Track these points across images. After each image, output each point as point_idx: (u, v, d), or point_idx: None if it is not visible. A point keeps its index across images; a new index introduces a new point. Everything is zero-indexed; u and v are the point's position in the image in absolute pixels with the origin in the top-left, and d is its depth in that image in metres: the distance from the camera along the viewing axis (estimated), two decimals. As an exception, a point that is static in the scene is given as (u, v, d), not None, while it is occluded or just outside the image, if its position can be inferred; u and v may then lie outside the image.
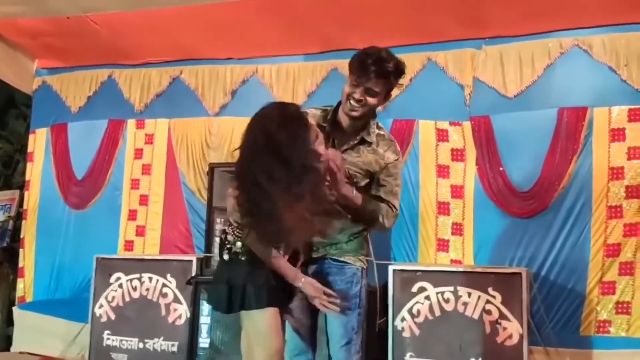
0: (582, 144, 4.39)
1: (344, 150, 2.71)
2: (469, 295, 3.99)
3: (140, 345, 4.61)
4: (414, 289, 4.09)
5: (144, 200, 5.41)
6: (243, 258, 2.45)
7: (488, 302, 3.95)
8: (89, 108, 5.66)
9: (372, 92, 2.62)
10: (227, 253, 2.49)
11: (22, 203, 5.82)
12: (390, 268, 4.17)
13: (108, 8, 4.63)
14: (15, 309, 5.51)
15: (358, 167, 2.72)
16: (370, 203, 2.72)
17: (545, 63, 4.52)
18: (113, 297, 4.74)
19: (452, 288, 4.03)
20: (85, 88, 5.67)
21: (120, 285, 4.73)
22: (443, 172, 4.70)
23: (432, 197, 4.67)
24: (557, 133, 4.45)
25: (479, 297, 3.96)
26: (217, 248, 4.52)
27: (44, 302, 5.45)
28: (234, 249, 2.47)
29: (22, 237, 5.71)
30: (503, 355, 3.87)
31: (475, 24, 4.52)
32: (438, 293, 4.05)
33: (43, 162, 5.74)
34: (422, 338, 4.04)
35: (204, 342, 4.42)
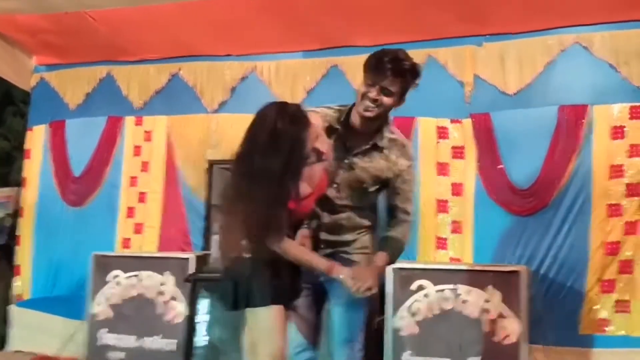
0: (582, 142, 4.38)
1: (356, 155, 2.69)
2: (468, 294, 3.97)
3: (138, 344, 4.59)
4: (413, 287, 4.06)
5: (142, 198, 5.39)
6: (248, 255, 2.44)
7: (487, 300, 3.93)
8: (87, 105, 5.63)
9: (387, 91, 2.59)
10: None
11: (19, 200, 5.78)
12: (389, 266, 4.15)
13: (106, 4, 4.61)
14: (13, 307, 5.48)
15: (369, 173, 2.69)
16: (393, 246, 2.74)
17: (546, 60, 4.50)
18: (110, 294, 4.71)
19: (451, 286, 4.01)
20: (84, 85, 5.64)
21: (118, 283, 4.71)
22: (443, 169, 4.68)
23: (431, 195, 4.65)
24: (557, 130, 4.43)
25: (479, 295, 3.94)
26: (215, 244, 4.56)
27: (41, 299, 5.43)
28: (240, 246, 2.45)
29: (19, 234, 5.68)
30: (502, 354, 3.85)
31: (476, 21, 4.50)
32: (437, 291, 4.03)
33: (41, 159, 5.71)
34: (421, 336, 4.02)
35: (202, 340, 4.40)
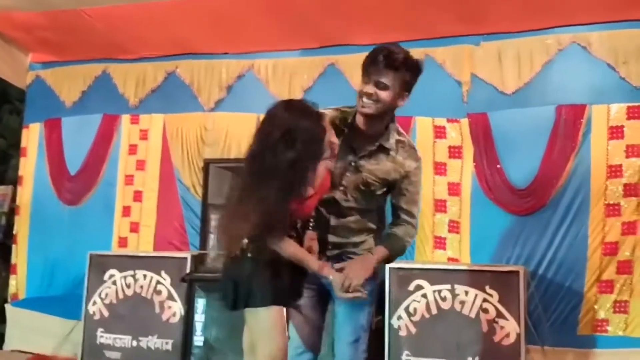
0: (580, 142, 4.37)
1: (362, 157, 2.66)
2: (466, 294, 3.95)
3: (134, 343, 4.57)
4: (411, 287, 4.05)
5: (138, 197, 5.37)
6: (250, 255, 2.42)
7: (485, 300, 3.91)
8: (83, 103, 5.61)
9: (382, 84, 2.56)
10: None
11: (15, 199, 5.77)
12: (387, 266, 4.12)
13: (103, 1, 4.60)
14: (8, 306, 5.45)
15: (376, 175, 2.66)
16: (394, 243, 2.68)
17: (544, 60, 4.49)
18: (107, 294, 4.68)
19: (449, 286, 3.99)
20: (80, 83, 5.61)
21: (114, 283, 4.68)
22: (440, 169, 4.66)
23: (429, 194, 4.63)
24: (555, 130, 4.43)
25: (476, 295, 3.93)
26: (212, 242, 4.56)
27: (37, 299, 5.41)
28: (241, 245, 2.43)
29: (15, 233, 5.66)
30: (500, 354, 3.84)
31: (474, 20, 4.49)
32: (435, 291, 4.01)
33: (36, 157, 5.69)
34: (418, 336, 4.00)
35: (199, 340, 4.39)
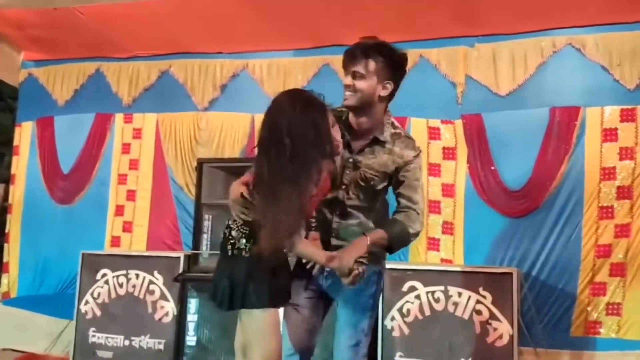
0: (574, 144, 4.38)
1: (359, 152, 2.65)
2: (460, 295, 3.96)
3: (126, 343, 4.55)
4: (404, 288, 4.05)
5: (131, 196, 5.35)
6: (247, 255, 2.40)
7: (478, 302, 3.92)
8: (76, 101, 5.59)
9: (358, 74, 2.58)
10: (231, 249, 2.44)
11: (7, 197, 5.73)
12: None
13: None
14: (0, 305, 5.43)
15: (374, 169, 2.65)
16: (393, 226, 2.62)
17: (538, 62, 4.50)
18: (99, 293, 4.66)
19: (442, 288, 3.99)
20: (73, 81, 5.59)
21: (107, 282, 4.66)
22: (434, 170, 4.66)
23: (423, 195, 4.62)
24: (549, 132, 4.43)
25: (470, 297, 3.93)
26: (205, 242, 4.54)
27: (29, 298, 5.38)
28: (238, 245, 2.42)
29: (7, 231, 5.63)
30: (493, 356, 3.84)
31: (469, 22, 4.49)
32: (428, 292, 4.02)
33: (29, 155, 5.66)
34: (411, 338, 4.00)
35: (191, 340, 4.38)
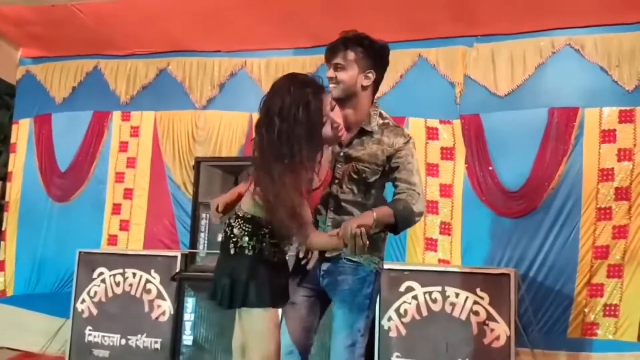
0: (572, 145, 4.38)
1: (348, 145, 2.64)
2: (457, 296, 3.95)
3: (123, 342, 4.53)
4: (402, 289, 4.04)
5: (129, 194, 5.34)
6: (249, 253, 2.39)
7: (476, 302, 3.91)
8: (74, 99, 5.58)
9: (338, 65, 2.65)
10: (233, 247, 2.42)
11: (4, 195, 5.72)
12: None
13: (94, -3, 4.57)
14: (-5, 303, 5.42)
15: (364, 161, 2.64)
16: (397, 204, 2.56)
17: (537, 62, 4.50)
18: (95, 292, 4.64)
19: (439, 288, 3.98)
20: (70, 78, 5.58)
21: (103, 281, 4.64)
22: (432, 170, 4.66)
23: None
24: (547, 133, 4.43)
25: (467, 297, 3.92)
26: (202, 241, 4.53)
27: (25, 296, 5.37)
28: (241, 243, 2.40)
29: (3, 229, 5.62)
30: (490, 357, 3.83)
31: (467, 21, 4.48)
32: (425, 293, 4.00)
33: (26, 153, 5.65)
34: (408, 338, 3.99)
35: (188, 339, 4.36)
